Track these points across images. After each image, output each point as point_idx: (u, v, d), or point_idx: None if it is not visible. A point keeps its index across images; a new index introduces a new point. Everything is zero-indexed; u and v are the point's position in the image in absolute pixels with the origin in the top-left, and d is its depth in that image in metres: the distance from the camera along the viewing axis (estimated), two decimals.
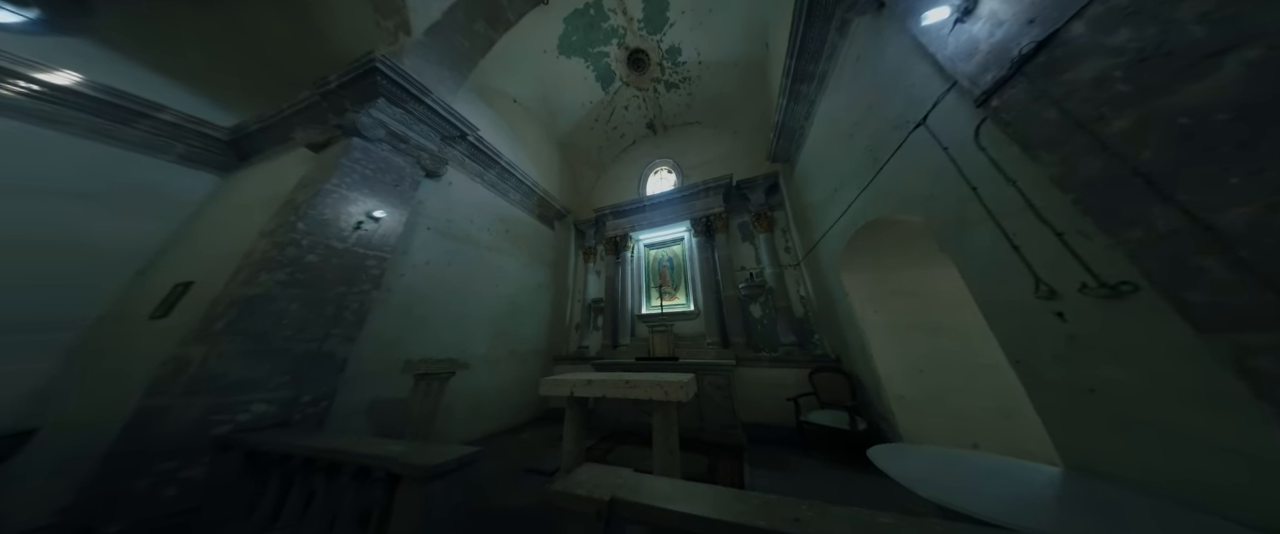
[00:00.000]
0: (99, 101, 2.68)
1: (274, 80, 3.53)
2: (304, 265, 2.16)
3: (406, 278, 2.91)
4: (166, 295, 2.37)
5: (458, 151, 3.67)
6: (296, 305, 2.05)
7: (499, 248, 4.19)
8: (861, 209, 2.32)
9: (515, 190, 4.60)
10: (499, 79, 4.38)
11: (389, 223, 2.68)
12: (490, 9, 3.45)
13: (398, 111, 2.98)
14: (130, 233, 2.76)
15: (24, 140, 2.42)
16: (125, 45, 2.98)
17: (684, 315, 4.46)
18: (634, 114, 5.72)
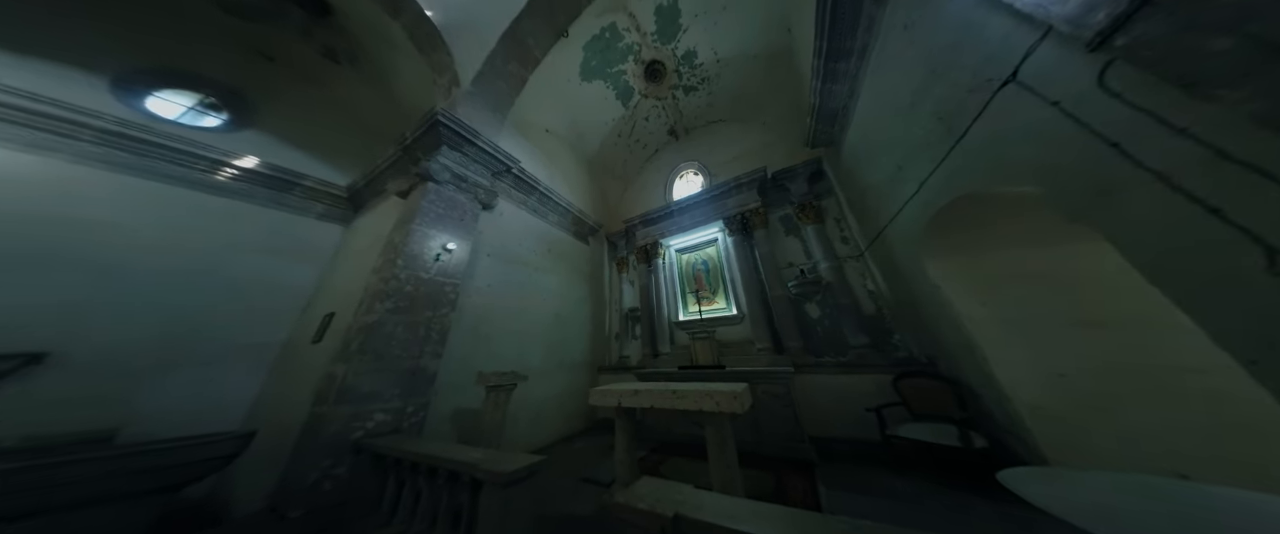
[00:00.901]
0: (269, 176, 3.52)
1: (372, 142, 4.16)
2: (404, 294, 2.47)
3: (473, 300, 3.22)
4: (320, 324, 2.92)
5: (505, 184, 4.02)
6: (401, 329, 2.36)
7: (543, 267, 4.41)
8: (940, 186, 1.94)
9: (553, 212, 4.84)
10: (532, 112, 4.67)
11: (459, 253, 2.97)
12: (519, 50, 3.65)
13: (457, 154, 3.31)
14: (298, 276, 3.50)
15: (234, 212, 3.32)
16: (278, 131, 3.86)
17: (726, 320, 4.14)
18: (655, 123, 5.63)
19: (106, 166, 2.72)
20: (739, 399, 1.66)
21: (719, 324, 4.13)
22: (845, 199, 3.50)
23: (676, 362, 4.00)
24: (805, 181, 3.88)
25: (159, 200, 2.91)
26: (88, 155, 2.65)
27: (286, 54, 3.84)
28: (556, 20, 3.71)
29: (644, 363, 4.31)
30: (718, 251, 4.61)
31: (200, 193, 3.15)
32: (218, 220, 3.16)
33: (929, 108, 1.87)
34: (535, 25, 3.66)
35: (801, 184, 3.90)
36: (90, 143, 2.66)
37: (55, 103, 2.54)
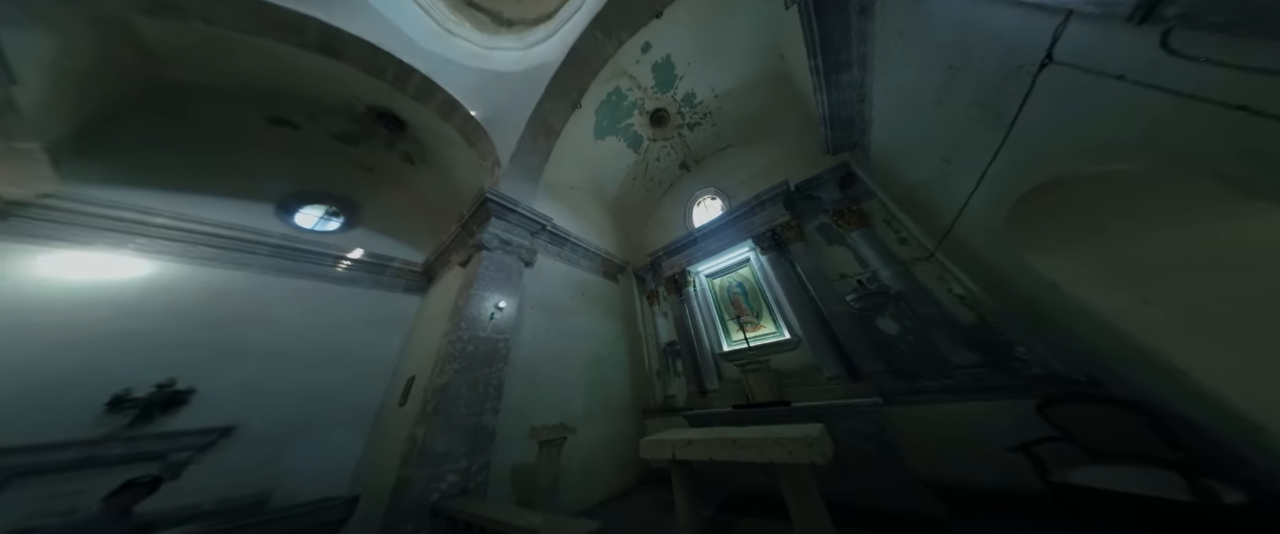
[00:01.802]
0: (370, 263, 4.33)
1: (439, 222, 4.89)
2: (466, 354, 2.66)
3: (521, 352, 3.36)
4: (405, 387, 3.25)
5: (541, 241, 4.42)
6: (465, 387, 2.51)
7: (579, 311, 4.51)
8: (1008, 175, 1.70)
9: (584, 258, 5.09)
10: (557, 174, 5.16)
11: (508, 309, 3.19)
12: (543, 127, 4.12)
13: (503, 223, 3.72)
14: (389, 344, 4.07)
15: (347, 295, 4.04)
16: (375, 224, 4.77)
17: (779, 346, 3.60)
18: (666, 161, 5.84)
19: (274, 272, 3.60)
20: (816, 446, 1.32)
21: (771, 351, 3.61)
22: (891, 199, 3.14)
23: (729, 399, 3.47)
24: (836, 187, 3.60)
25: (301, 293, 3.69)
26: (264, 266, 3.53)
27: (378, 164, 4.80)
28: (571, 96, 4.16)
29: (691, 402, 3.88)
30: (753, 271, 4.25)
31: (327, 283, 3.95)
32: (337, 303, 3.90)
33: (964, 101, 1.72)
34: (554, 105, 4.13)
35: (833, 190, 3.61)
36: (266, 256, 3.49)
37: (250, 230, 3.51)
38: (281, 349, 3.22)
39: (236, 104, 3.60)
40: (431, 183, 5.03)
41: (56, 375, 2.27)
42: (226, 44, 2.89)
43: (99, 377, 2.38)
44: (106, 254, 2.74)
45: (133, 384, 2.44)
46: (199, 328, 2.89)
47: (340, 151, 4.48)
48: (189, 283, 3.02)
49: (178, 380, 2.59)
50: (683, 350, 4.35)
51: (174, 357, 2.67)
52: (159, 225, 2.98)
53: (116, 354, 2.48)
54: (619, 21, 3.56)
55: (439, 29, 3.95)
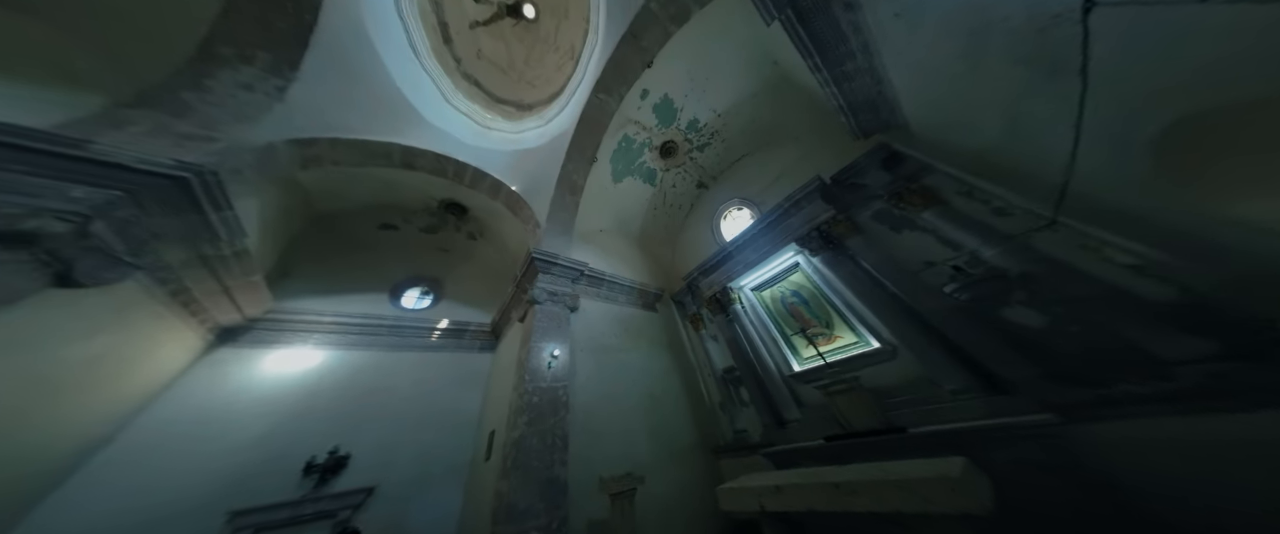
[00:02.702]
0: (453, 330, 5.08)
1: (500, 285, 5.55)
2: (533, 406, 2.78)
3: (579, 398, 3.41)
4: (487, 442, 3.58)
5: (581, 286, 4.69)
6: (535, 440, 2.58)
7: (625, 347, 4.49)
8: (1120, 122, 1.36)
9: (621, 294, 5.18)
10: (585, 222, 5.64)
11: (563, 356, 3.32)
12: (569, 185, 4.52)
13: (548, 276, 4.07)
14: (472, 401, 4.56)
15: (439, 360, 4.71)
16: (454, 296, 5.59)
17: (869, 359, 2.92)
18: (682, 185, 5.84)
19: (390, 348, 4.44)
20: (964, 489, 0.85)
21: (858, 366, 2.94)
22: (964, 168, 2.58)
23: (817, 429, 2.86)
24: (882, 169, 3.11)
25: (409, 363, 4.45)
26: (384, 343, 4.39)
27: (452, 245, 5.75)
28: (587, 154, 4.49)
29: (769, 437, 3.33)
30: (806, 276, 3.72)
31: (425, 352, 4.72)
32: (432, 368, 4.59)
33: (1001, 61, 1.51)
34: (574, 165, 4.50)
35: (878, 174, 3.12)
36: (385, 335, 4.27)
37: (374, 316, 4.47)
38: (398, 413, 3.85)
39: (359, 219, 4.83)
40: (491, 253, 5.83)
41: (277, 447, 3.07)
42: (349, 177, 4.01)
43: (297, 447, 3.14)
44: (297, 349, 3.77)
45: (316, 452, 3.13)
46: (348, 401, 3.68)
47: (426, 241, 5.50)
48: (341, 364, 3.92)
49: (340, 447, 3.24)
50: (744, 376, 3.84)
51: (335, 427, 3.42)
52: (324, 322, 4.02)
53: (304, 427, 3.29)
54: (616, 81, 3.83)
55: (479, 128, 4.74)
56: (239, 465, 2.80)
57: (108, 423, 2.53)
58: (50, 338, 2.00)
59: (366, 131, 3.39)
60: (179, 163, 2.06)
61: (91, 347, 2.27)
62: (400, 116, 3.65)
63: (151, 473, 2.53)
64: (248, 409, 3.11)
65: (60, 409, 2.19)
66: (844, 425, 2.60)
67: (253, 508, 2.65)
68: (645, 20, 3.10)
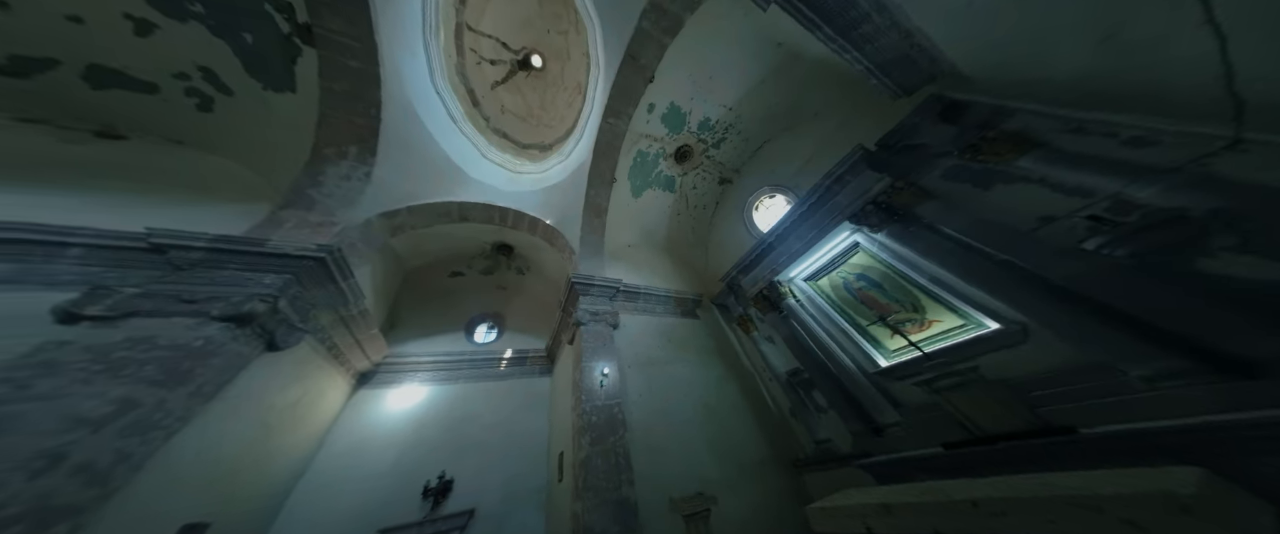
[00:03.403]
0: (517, 358, 5.64)
1: (549, 311, 6.14)
2: (593, 426, 2.84)
3: (635, 415, 3.43)
4: (557, 463, 3.78)
5: (619, 302, 4.81)
6: (600, 459, 2.62)
7: (671, 359, 4.41)
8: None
9: (658, 305, 5.16)
10: (614, 240, 5.92)
11: (612, 374, 3.38)
12: (594, 209, 4.90)
13: (588, 298, 4.37)
14: (540, 424, 4.88)
15: (509, 388, 5.22)
16: (513, 327, 6.23)
17: (985, 343, 2.33)
18: (704, 184, 5.74)
19: (469, 379, 5.11)
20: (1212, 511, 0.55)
21: (972, 355, 2.37)
22: (1049, 105, 2.05)
23: (929, 435, 2.39)
24: (942, 123, 2.60)
25: (485, 392, 5.08)
26: (465, 375, 5.07)
27: (507, 282, 6.60)
28: (606, 177, 4.74)
29: (861, 446, 2.88)
30: (872, 255, 3.23)
31: (495, 381, 5.31)
32: (503, 395, 5.10)
33: None
34: (596, 190, 4.79)
35: (939, 129, 2.62)
36: (465, 368, 4.93)
37: (455, 352, 5.23)
38: (484, 440, 4.32)
39: (436, 271, 5.82)
40: (538, 284, 6.41)
41: (403, 473, 3.68)
42: (424, 237, 4.87)
43: (416, 472, 3.71)
44: (408, 386, 4.59)
45: (429, 477, 3.65)
46: (446, 430, 4.27)
47: (486, 282, 6.33)
48: (439, 397, 4.63)
49: (446, 472, 3.73)
50: (815, 377, 3.40)
51: (440, 454, 3.95)
52: (423, 361, 4.84)
53: (418, 455, 3.88)
54: (623, 103, 4.04)
55: (512, 174, 5.38)
56: (381, 488, 3.43)
57: (305, 456, 3.40)
58: (266, 390, 2.75)
59: (429, 196, 4.13)
60: (318, 246, 2.73)
61: (289, 395, 3.02)
62: (451, 177, 4.36)
63: (332, 497, 3.28)
64: (381, 440, 3.82)
65: (276, 447, 3.00)
66: (970, 428, 2.06)
67: (393, 527, 3.20)
68: (640, 40, 3.23)
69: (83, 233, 2.16)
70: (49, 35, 2.50)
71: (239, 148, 3.27)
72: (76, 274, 2.13)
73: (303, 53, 2.85)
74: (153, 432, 1.80)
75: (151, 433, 1.80)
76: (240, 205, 2.99)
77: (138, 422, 1.75)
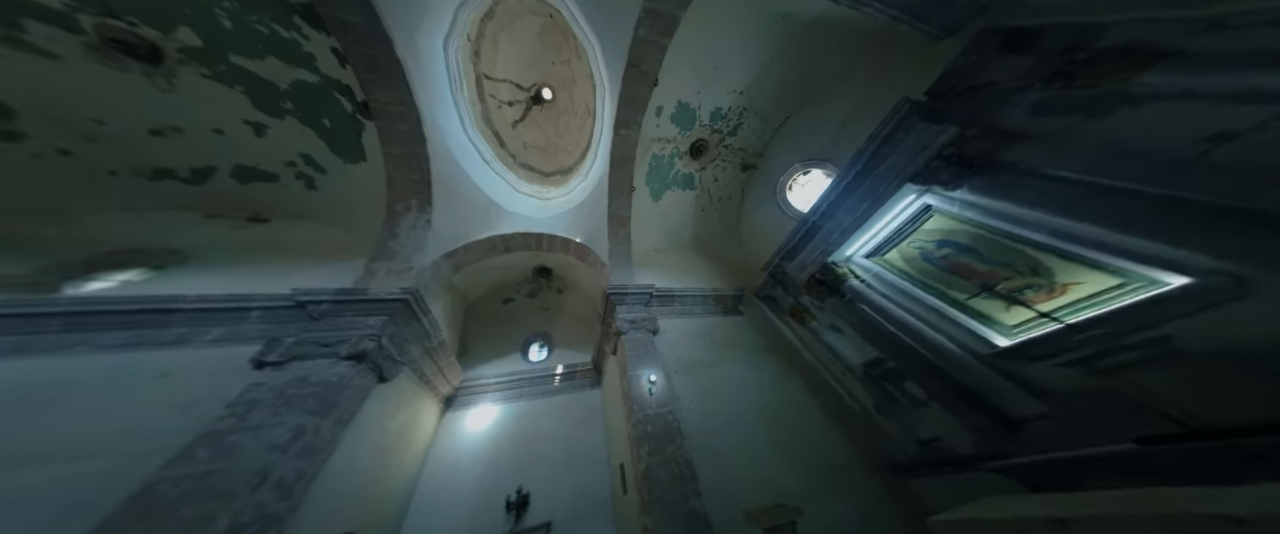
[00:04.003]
0: (567, 374, 5.89)
1: (591, 324, 6.44)
2: (649, 435, 2.87)
3: (691, 422, 3.30)
4: (619, 475, 3.79)
5: (654, 308, 4.76)
6: (662, 470, 2.61)
7: (718, 360, 4.20)
8: None
9: (696, 305, 5.00)
10: (640, 246, 5.88)
11: (660, 381, 3.35)
12: (618, 220, 5.04)
13: (624, 307, 4.43)
14: (596, 438, 4.92)
15: (564, 403, 5.43)
16: (561, 343, 6.54)
17: (1168, 304, 1.77)
18: (726, 174, 5.54)
19: (531, 396, 5.42)
20: None
21: (1157, 321, 1.77)
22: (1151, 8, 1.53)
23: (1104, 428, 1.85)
24: (1010, 55, 2.12)
25: (546, 407, 5.31)
26: (528, 393, 5.43)
27: (550, 302, 7.02)
28: (625, 187, 4.88)
29: (992, 445, 2.37)
30: (954, 216, 2.69)
31: (552, 396, 5.55)
32: (560, 410, 5.29)
33: None
34: (617, 202, 4.95)
35: (1008, 62, 2.14)
36: (527, 386, 5.44)
37: (515, 371, 5.68)
38: (549, 454, 4.52)
39: (491, 300, 6.49)
40: (577, 300, 6.72)
41: (487, 488, 3.98)
42: (478, 270, 5.44)
43: (498, 487, 3.99)
44: (483, 407, 5.08)
45: (509, 492, 3.90)
46: (517, 446, 4.59)
47: (532, 304, 6.88)
48: (508, 415, 5.03)
49: (522, 487, 3.95)
50: (905, 367, 2.90)
51: (514, 470, 4.23)
52: (491, 383, 5.34)
53: (497, 472, 4.19)
54: (630, 112, 4.14)
55: (542, 202, 5.81)
56: (473, 504, 3.76)
57: (413, 475, 3.88)
58: (381, 416, 3.15)
59: (477, 233, 4.65)
60: (402, 289, 3.20)
61: (397, 420, 3.44)
62: (492, 214, 4.87)
63: (436, 516, 3.54)
64: (468, 458, 4.23)
65: (392, 466, 3.34)
66: (1178, 418, 1.55)
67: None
68: (640, 48, 3.26)
69: (257, 299, 2.87)
70: (207, 148, 3.45)
71: (337, 215, 4.10)
72: (258, 330, 2.77)
73: (366, 127, 3.51)
74: (317, 453, 2.26)
75: (316, 454, 2.26)
76: (346, 262, 3.68)
77: (307, 445, 2.22)
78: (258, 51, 3.02)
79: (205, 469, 1.93)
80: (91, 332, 2.46)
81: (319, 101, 3.41)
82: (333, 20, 2.73)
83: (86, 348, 2.41)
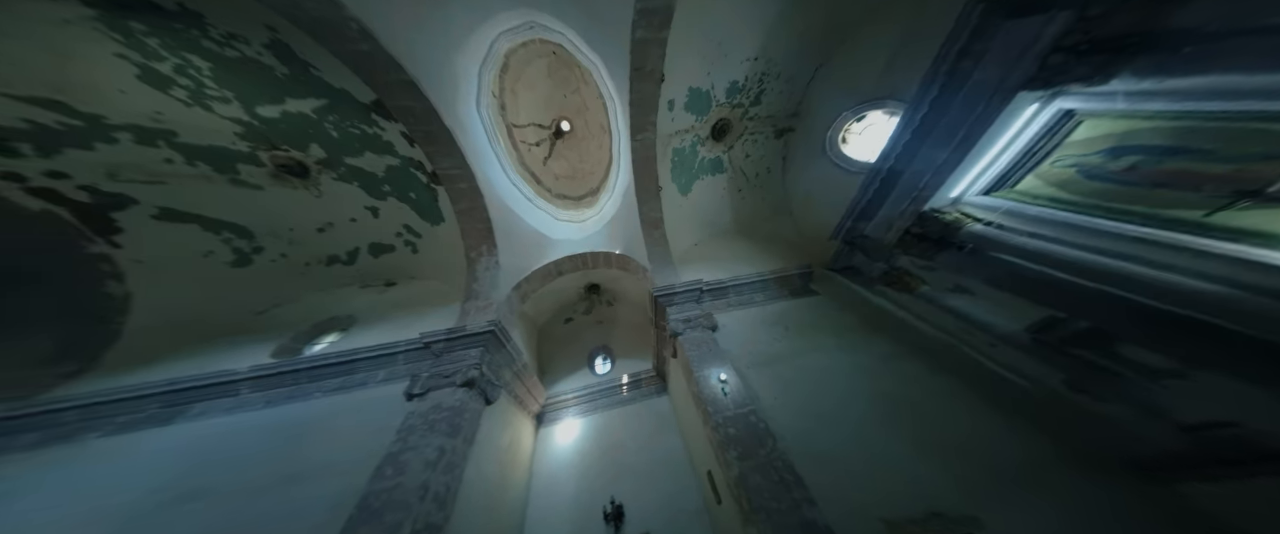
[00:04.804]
0: (634, 382, 5.99)
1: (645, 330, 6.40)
2: (733, 439, 2.72)
3: (780, 420, 2.94)
4: (709, 483, 3.49)
5: (707, 303, 4.50)
6: (757, 476, 2.43)
7: (799, 349, 3.69)
8: None
9: (757, 292, 4.59)
10: (679, 243, 5.72)
11: (732, 379, 3.14)
12: (650, 223, 4.99)
13: (675, 307, 4.31)
14: (676, 445, 4.74)
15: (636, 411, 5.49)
16: (622, 354, 6.80)
17: None
18: (757, 149, 5.14)
19: (604, 409, 5.64)
20: None
21: None
22: None
23: None
24: None
25: (620, 419, 5.41)
26: (600, 406, 5.68)
27: (604, 316, 7.35)
28: (652, 189, 4.90)
29: None
30: (1125, 117, 1.90)
31: (622, 406, 5.67)
32: (632, 419, 5.35)
33: None
34: (647, 206, 4.99)
35: None
36: (599, 398, 5.75)
37: (584, 385, 5.99)
38: (632, 465, 4.53)
39: (555, 322, 7.13)
40: (628, 310, 6.92)
41: (583, 501, 3.96)
42: (540, 297, 6.06)
43: (591, 499, 3.93)
44: (565, 422, 5.47)
45: (605, 503, 3.79)
46: (599, 458, 4.76)
47: (588, 320, 7.36)
48: (587, 429, 5.31)
49: (615, 498, 3.99)
50: (1116, 325, 1.92)
51: (602, 482, 4.34)
52: (569, 398, 5.74)
53: (588, 484, 4.35)
54: (643, 114, 4.17)
55: (579, 225, 6.25)
56: (574, 516, 3.95)
57: (523, 489, 4.01)
58: (492, 435, 3.51)
59: (533, 265, 5.24)
60: (488, 322, 3.70)
61: (504, 438, 3.79)
62: (541, 246, 5.44)
63: (548, 527, 3.74)
64: (563, 472, 4.54)
65: (507, 481, 3.63)
66: None
67: None
68: (640, 50, 3.31)
69: (400, 345, 3.65)
70: (351, 234, 4.73)
71: (435, 270, 5.17)
72: (404, 370, 3.49)
73: (438, 192, 4.38)
74: (455, 469, 2.72)
75: (454, 470, 2.71)
76: (450, 307, 4.55)
77: (448, 462, 2.68)
78: (357, 149, 3.92)
79: (391, 484, 2.41)
80: (319, 380, 3.42)
81: (404, 179, 4.34)
82: (397, 108, 3.43)
83: (320, 393, 3.33)
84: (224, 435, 3.03)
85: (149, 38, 2.72)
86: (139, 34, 2.68)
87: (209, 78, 3.06)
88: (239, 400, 3.29)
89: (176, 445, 2.96)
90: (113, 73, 2.82)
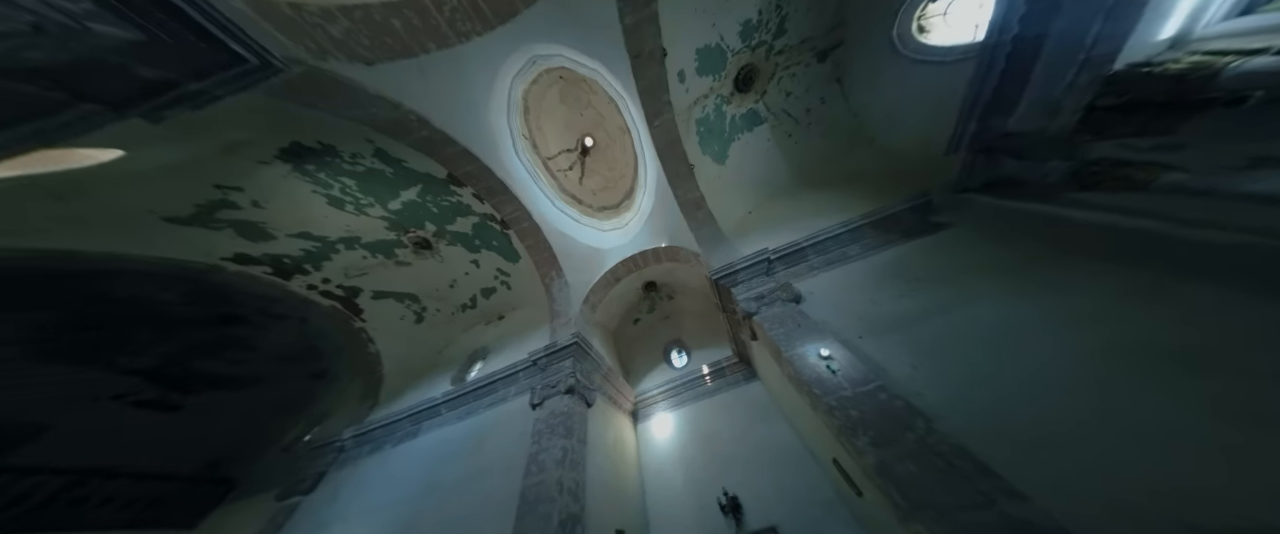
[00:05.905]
0: (717, 371, 5.73)
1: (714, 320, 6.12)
2: (861, 421, 2.30)
3: (932, 396, 2.25)
4: (840, 473, 2.82)
5: (780, 273, 3.94)
6: (911, 464, 1.98)
7: (936, 305, 2.75)
8: None
9: (849, 245, 3.67)
10: (728, 219, 5.23)
11: (838, 354, 2.65)
12: (692, 204, 4.72)
13: (741, 286, 3.92)
14: (785, 432, 4.18)
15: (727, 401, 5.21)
16: (695, 346, 6.59)
17: None
18: (796, 82, 4.43)
19: (691, 401, 5.53)
20: None
21: None
22: None
23: None
24: None
25: (710, 411, 5.20)
26: (689, 398, 5.60)
27: (667, 310, 7.28)
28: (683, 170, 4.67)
29: None
30: None
31: (710, 397, 5.44)
32: (727, 410, 5.05)
33: None
34: (682, 191, 4.78)
35: None
36: (684, 390, 5.73)
37: (665, 380, 6.07)
38: (735, 455, 4.23)
39: (624, 325, 7.51)
40: (690, 299, 6.78)
41: (694, 492, 3.90)
42: (608, 302, 6.48)
43: (703, 491, 3.81)
44: (658, 417, 5.61)
45: (717, 494, 3.59)
46: (700, 449, 4.67)
47: (655, 318, 7.47)
48: (680, 421, 5.30)
49: (727, 489, 3.73)
50: None
51: (707, 473, 4.20)
52: (656, 394, 5.91)
53: (695, 476, 4.29)
54: (655, 99, 4.04)
55: (623, 230, 6.47)
56: (691, 507, 3.95)
57: (638, 484, 4.19)
58: (601, 434, 3.88)
59: (593, 277, 5.74)
60: (571, 335, 4.30)
61: (609, 436, 4.09)
62: (595, 259, 5.90)
63: (670, 519, 3.84)
64: (670, 465, 4.63)
65: (622, 476, 3.91)
66: None
67: None
68: (633, 36, 3.27)
69: (519, 365, 4.38)
70: (470, 284, 6.03)
71: (526, 299, 6.29)
72: (526, 384, 4.22)
73: (510, 235, 5.31)
74: (578, 466, 3.16)
75: (578, 467, 3.17)
76: (544, 328, 5.45)
77: (572, 460, 3.14)
78: (451, 217, 4.86)
79: (537, 480, 2.87)
80: (481, 398, 4.41)
81: (485, 232, 5.28)
82: (463, 174, 4.25)
83: (482, 408, 4.30)
84: (440, 443, 4.17)
85: (319, 173, 3.75)
86: (313, 172, 3.72)
87: (356, 191, 4.10)
88: (442, 419, 4.51)
89: (420, 453, 4.21)
90: (314, 204, 4.04)
